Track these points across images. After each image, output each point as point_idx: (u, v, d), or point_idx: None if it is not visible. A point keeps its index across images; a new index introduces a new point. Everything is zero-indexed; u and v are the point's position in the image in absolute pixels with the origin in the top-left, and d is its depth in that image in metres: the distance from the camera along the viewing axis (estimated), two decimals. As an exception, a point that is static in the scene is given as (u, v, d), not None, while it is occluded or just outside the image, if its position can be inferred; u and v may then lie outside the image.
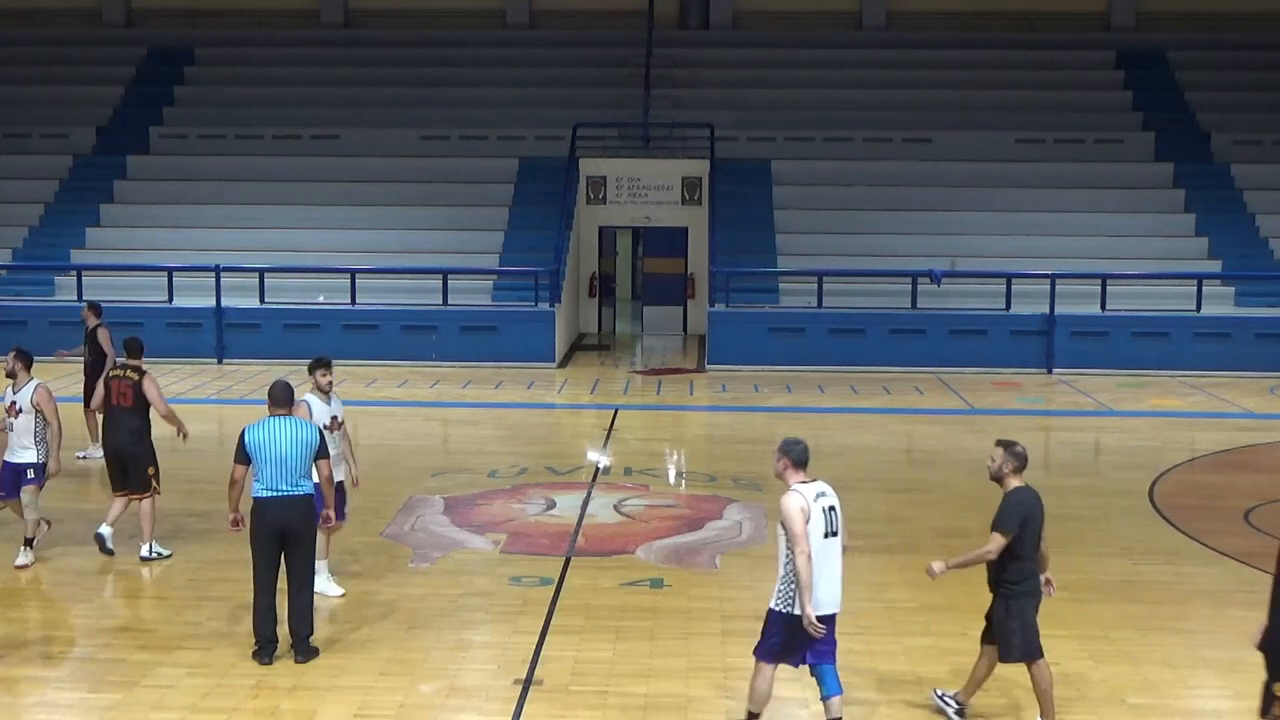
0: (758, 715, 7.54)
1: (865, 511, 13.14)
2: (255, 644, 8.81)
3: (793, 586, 7.29)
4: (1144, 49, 30.69)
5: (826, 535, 7.37)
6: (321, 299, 24.07)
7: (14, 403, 10.81)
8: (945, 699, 8.11)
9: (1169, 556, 11.67)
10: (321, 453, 8.95)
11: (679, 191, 28.15)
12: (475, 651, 9.12)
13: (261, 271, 23.90)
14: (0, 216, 26.62)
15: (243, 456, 8.84)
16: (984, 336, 23.42)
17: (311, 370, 10.47)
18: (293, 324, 23.49)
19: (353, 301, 23.82)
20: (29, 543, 10.84)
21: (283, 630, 8.85)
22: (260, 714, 8.02)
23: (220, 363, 23.16)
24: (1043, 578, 7.92)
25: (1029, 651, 7.75)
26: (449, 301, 23.83)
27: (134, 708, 8.12)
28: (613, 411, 19.20)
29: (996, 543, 7.62)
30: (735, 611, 9.91)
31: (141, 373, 11.43)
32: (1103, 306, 23.50)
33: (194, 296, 23.71)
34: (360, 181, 27.23)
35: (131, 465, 11.22)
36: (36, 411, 10.80)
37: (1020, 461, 7.81)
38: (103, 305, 16.00)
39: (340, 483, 10.09)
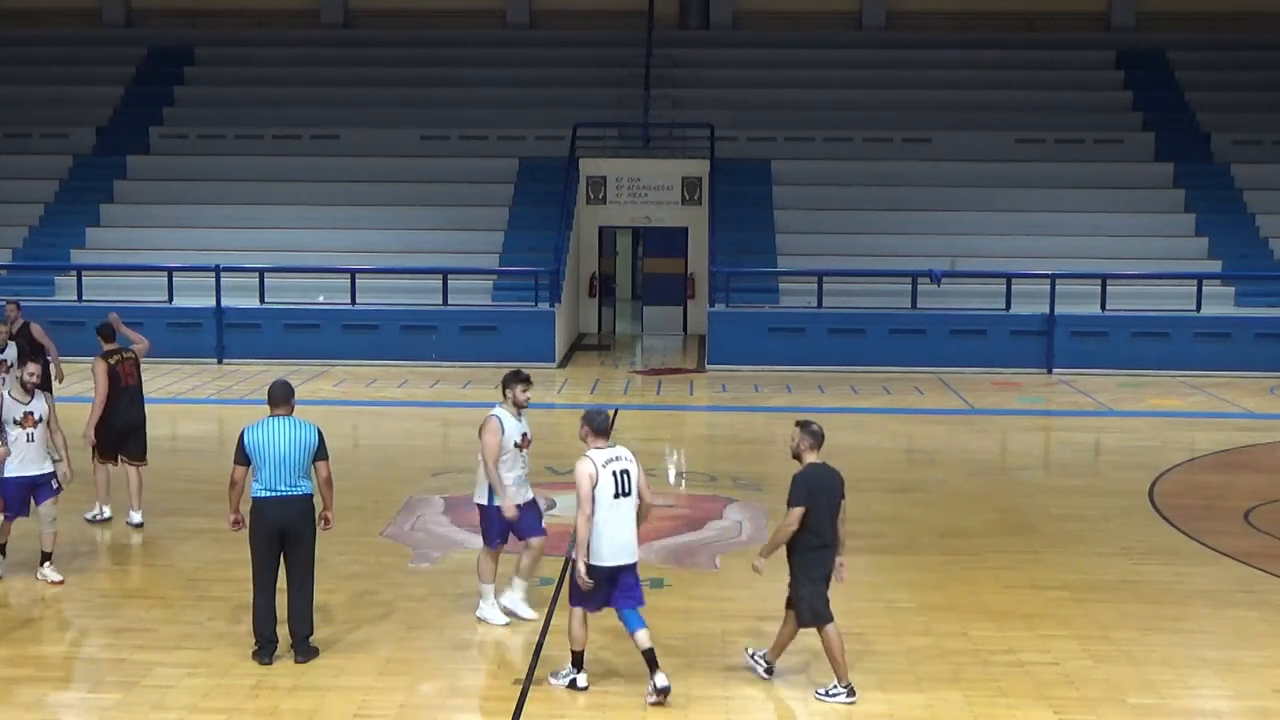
0: (581, 654, 8.43)
1: (865, 511, 13.13)
2: (255, 644, 8.81)
3: (599, 540, 8.25)
4: (1144, 49, 30.69)
5: (616, 495, 8.32)
6: (321, 299, 24.07)
7: (31, 413, 10.40)
8: (755, 658, 8.66)
9: (1169, 556, 11.66)
10: (321, 454, 8.94)
11: (679, 191, 28.15)
12: (475, 651, 9.11)
13: (261, 271, 23.89)
14: (0, 216, 26.62)
15: (242, 457, 8.84)
16: (984, 336, 23.42)
17: (509, 384, 9.48)
18: (293, 324, 23.51)
19: (353, 301, 23.82)
20: (48, 557, 10.47)
21: (283, 630, 8.85)
22: (260, 714, 8.02)
23: (220, 363, 23.16)
24: (837, 560, 8.43)
25: (817, 618, 8.28)
26: (449, 301, 23.83)
27: (134, 708, 8.12)
28: (613, 411, 19.18)
29: (793, 516, 8.25)
30: (735, 611, 9.91)
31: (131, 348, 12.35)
32: (1103, 306, 23.50)
33: (194, 296, 23.71)
34: (360, 181, 27.23)
35: (136, 436, 12.18)
36: (48, 420, 10.56)
37: (816, 439, 8.59)
38: (100, 305, 16.07)
39: (533, 499, 9.60)
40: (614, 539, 8.29)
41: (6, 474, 10.30)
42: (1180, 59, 30.43)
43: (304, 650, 8.80)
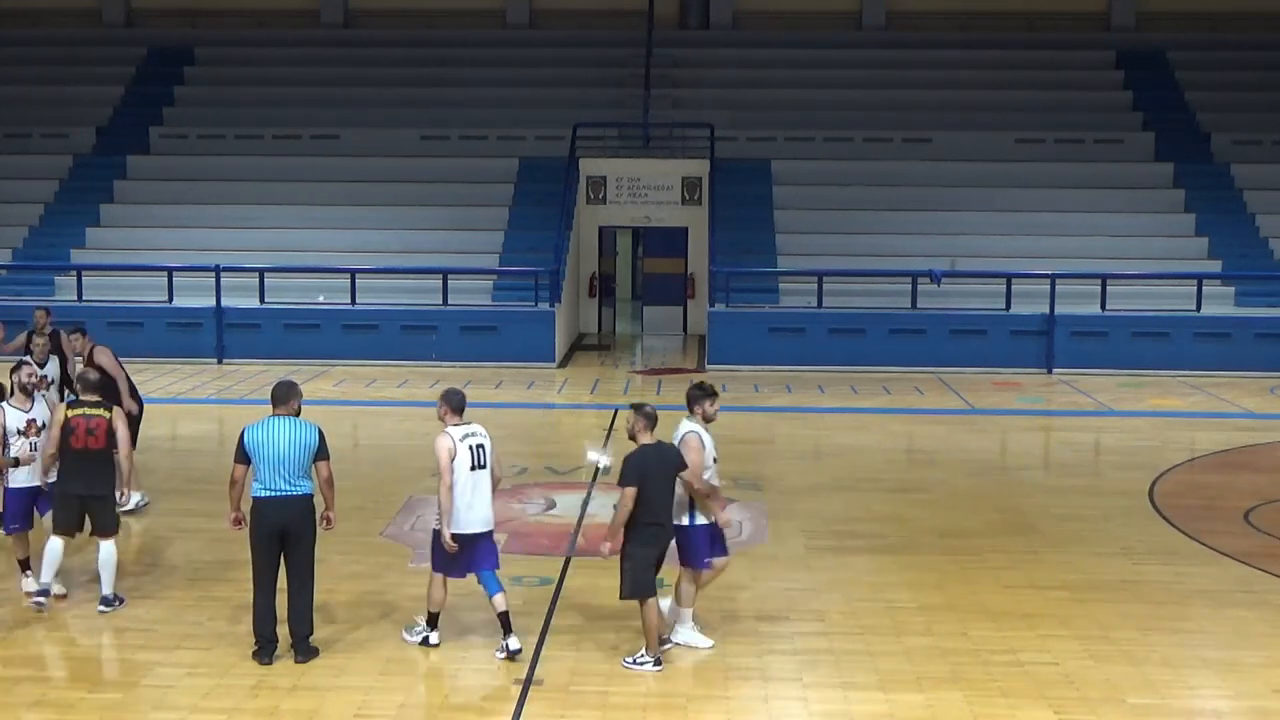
0: (436, 615, 9.02)
1: (865, 511, 13.16)
2: (255, 644, 8.81)
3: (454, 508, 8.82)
4: (1144, 49, 30.70)
5: (473, 468, 8.84)
6: (321, 299, 24.07)
7: (34, 420, 10.05)
8: (638, 661, 8.81)
9: (1169, 556, 11.66)
10: (321, 454, 8.94)
11: (679, 191, 28.16)
12: (475, 651, 9.11)
13: (261, 271, 23.90)
14: (0, 216, 26.63)
15: (242, 456, 8.84)
16: (984, 336, 23.42)
17: (697, 400, 9.14)
18: (293, 324, 23.51)
19: (353, 301, 23.82)
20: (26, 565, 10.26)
21: (283, 630, 8.85)
22: (260, 714, 8.02)
23: (220, 363, 23.16)
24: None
25: (638, 590, 8.72)
26: (449, 301, 23.84)
27: (134, 708, 8.12)
28: (613, 411, 19.19)
29: (627, 497, 8.63)
30: (735, 611, 9.91)
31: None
32: (1103, 306, 23.50)
33: (194, 296, 23.72)
34: (360, 181, 27.24)
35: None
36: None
37: (650, 421, 8.89)
38: (102, 305, 15.95)
39: (715, 523, 9.16)
40: (473, 507, 8.85)
41: (10, 484, 10.04)
42: (1180, 59, 30.44)
43: (304, 650, 8.81)
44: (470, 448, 8.87)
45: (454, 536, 8.76)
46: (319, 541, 9.05)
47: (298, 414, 9.01)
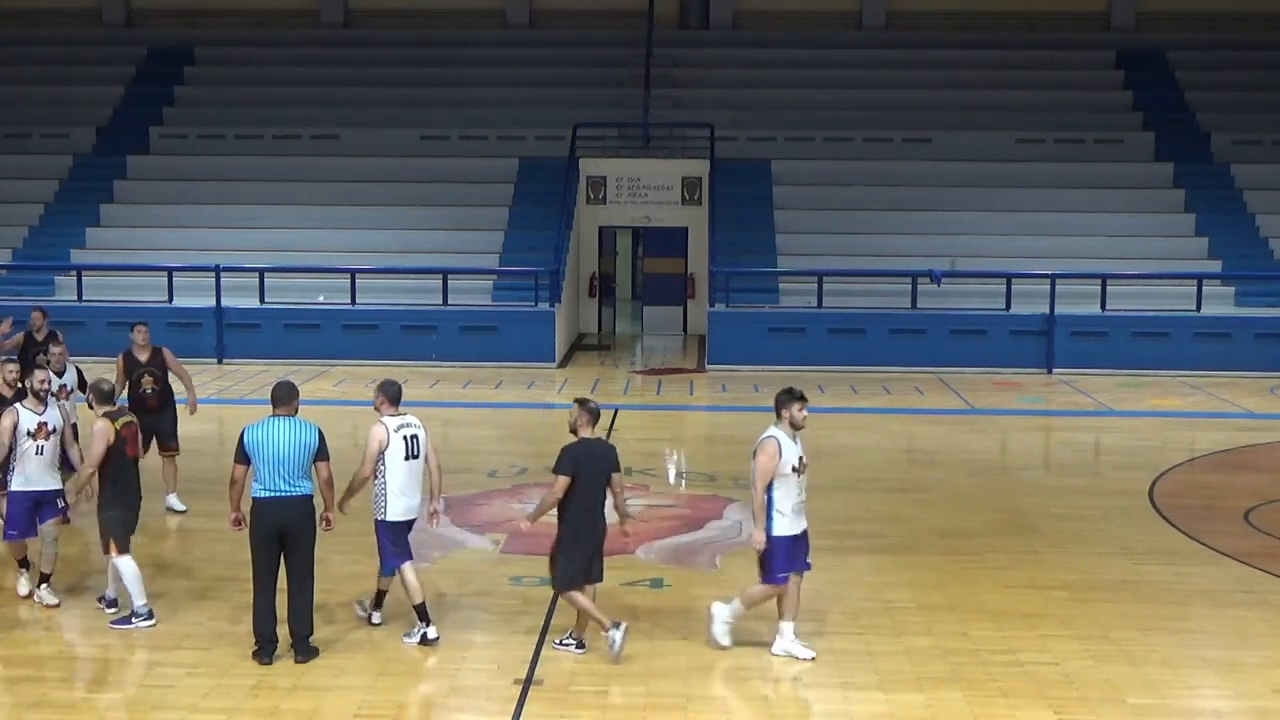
0: (422, 605, 9.18)
1: (865, 511, 13.16)
2: (255, 644, 8.81)
3: (381, 496, 9.12)
4: (1144, 49, 30.70)
5: (407, 458, 9.12)
6: (321, 299, 24.07)
7: (45, 423, 9.85)
8: (563, 643, 9.07)
9: (1169, 556, 11.66)
10: (321, 455, 8.95)
11: (679, 191, 28.16)
12: (475, 651, 9.11)
13: (261, 271, 23.90)
14: (0, 216, 26.63)
15: (242, 456, 8.85)
16: (984, 336, 23.42)
17: (784, 404, 8.87)
18: (293, 324, 23.51)
19: (353, 301, 23.82)
20: (47, 578, 10.04)
21: (283, 630, 8.85)
22: (260, 714, 8.02)
23: (220, 363, 23.16)
24: (624, 528, 9.21)
25: (567, 584, 8.90)
26: (449, 301, 23.84)
27: (134, 708, 8.12)
28: (613, 412, 19.19)
29: (559, 484, 8.81)
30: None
31: None
32: (1103, 306, 23.50)
33: (194, 296, 23.71)
34: (360, 181, 27.24)
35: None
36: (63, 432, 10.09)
37: (592, 415, 9.00)
38: (102, 305, 15.84)
39: (805, 531, 8.98)
40: (405, 494, 9.17)
41: (13, 488, 9.82)
42: (1180, 59, 30.44)
43: (304, 650, 8.81)
44: (405, 438, 9.13)
45: (392, 524, 9.14)
46: (319, 541, 9.06)
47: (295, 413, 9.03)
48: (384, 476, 9.11)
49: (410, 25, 32.00)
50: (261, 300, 23.89)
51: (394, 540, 9.19)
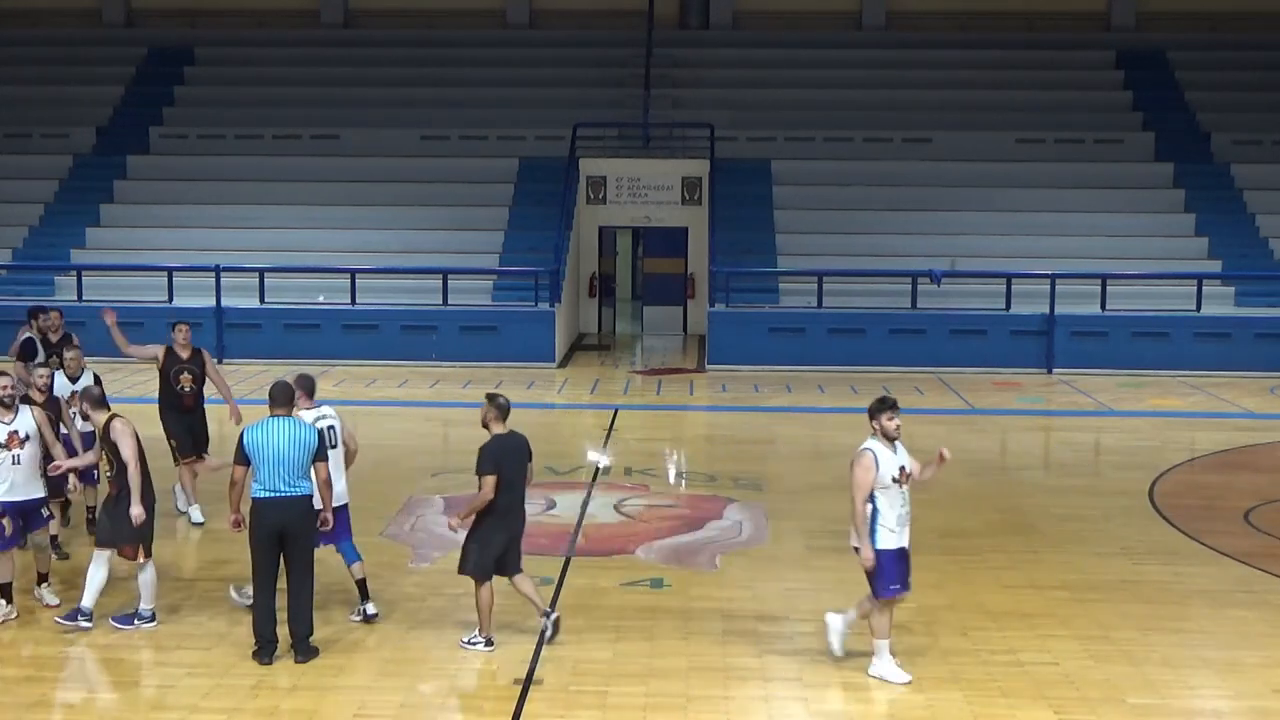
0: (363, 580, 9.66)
1: (865, 511, 13.14)
2: (255, 644, 8.81)
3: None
4: (1144, 49, 30.69)
5: (330, 447, 9.43)
6: (321, 299, 24.07)
7: (16, 432, 9.52)
8: (472, 642, 9.15)
9: (1169, 556, 11.66)
10: (320, 455, 8.95)
11: (679, 191, 28.15)
12: (475, 651, 9.11)
13: (261, 271, 23.90)
14: (0, 216, 26.62)
15: (242, 457, 8.86)
16: (984, 336, 23.42)
17: (876, 413, 8.70)
18: (293, 324, 23.51)
19: (353, 301, 23.82)
20: (45, 577, 10.02)
21: (283, 630, 8.85)
22: (260, 714, 8.02)
23: (220, 363, 23.12)
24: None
25: (479, 571, 9.00)
26: (449, 301, 23.83)
27: (134, 708, 8.12)
28: (613, 411, 19.20)
29: (488, 485, 8.88)
30: (735, 611, 9.91)
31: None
32: (1103, 306, 23.50)
33: (194, 296, 23.71)
34: (360, 181, 27.23)
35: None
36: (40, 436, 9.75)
37: (502, 411, 9.21)
38: (102, 305, 15.69)
39: (905, 548, 8.60)
40: (336, 482, 9.49)
41: None
42: (1180, 59, 30.43)
43: (304, 650, 8.81)
44: (321, 430, 9.37)
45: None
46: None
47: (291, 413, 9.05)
48: None
49: (410, 25, 31.99)
50: (261, 300, 23.89)
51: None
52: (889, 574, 8.48)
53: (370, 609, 9.56)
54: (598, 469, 15.12)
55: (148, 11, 32.96)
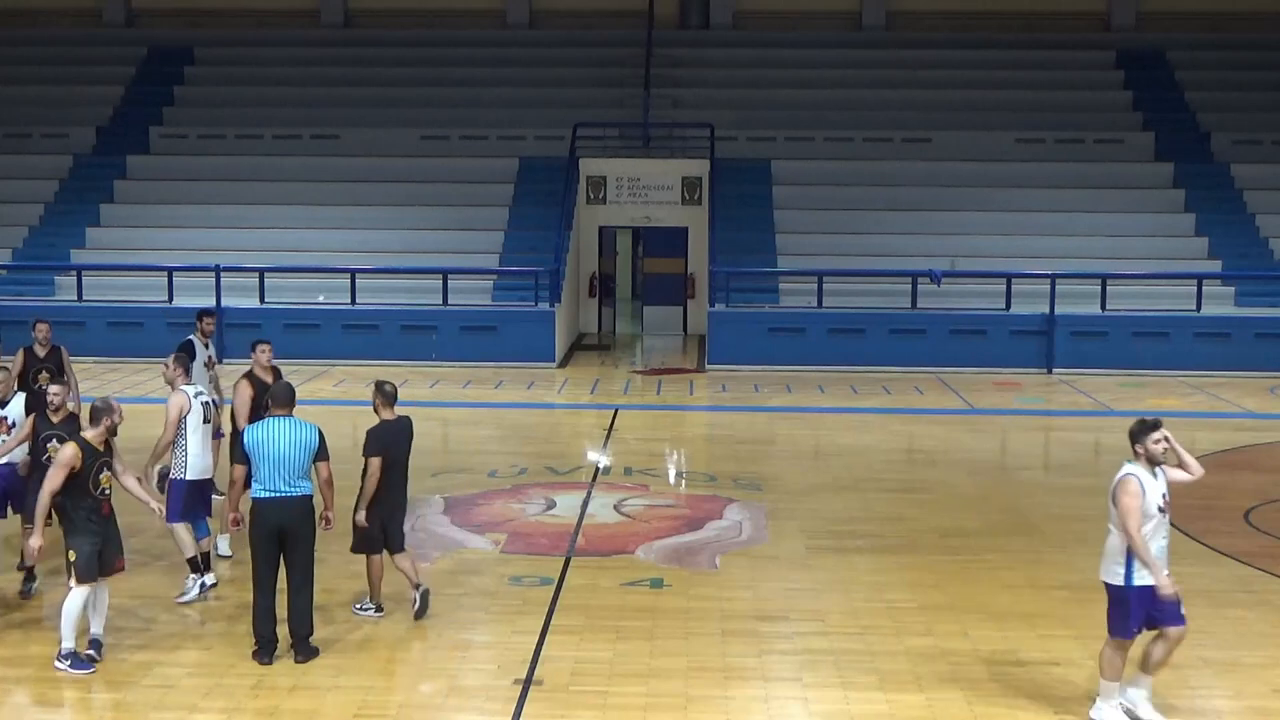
0: (195, 557, 10.04)
1: (865, 511, 13.16)
2: (255, 644, 8.81)
3: (182, 457, 10.04)
4: (1144, 49, 30.70)
5: (205, 422, 10.12)
6: (321, 299, 24.07)
7: (4, 417, 10.03)
8: (364, 608, 9.70)
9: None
10: (321, 455, 8.95)
11: (679, 191, 28.15)
12: (475, 651, 9.11)
13: (261, 271, 23.90)
14: (0, 216, 26.62)
15: (242, 457, 8.86)
16: (984, 336, 23.41)
17: (1139, 437, 8.32)
18: (293, 324, 23.48)
19: (353, 301, 23.82)
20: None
21: (283, 630, 8.85)
22: (260, 714, 8.02)
23: (220, 363, 23.07)
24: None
25: (364, 547, 9.55)
26: (449, 301, 23.83)
27: (134, 708, 8.12)
28: (613, 411, 19.20)
29: (374, 466, 9.33)
30: (735, 611, 9.91)
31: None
32: (1103, 306, 23.50)
33: (194, 296, 23.65)
34: (360, 181, 27.23)
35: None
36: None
37: (388, 397, 9.61)
38: (102, 305, 15.59)
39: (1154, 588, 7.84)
40: (200, 457, 10.10)
41: None
42: (1180, 59, 30.43)
43: (304, 650, 8.81)
44: (202, 404, 10.14)
45: (191, 483, 10.01)
46: (319, 541, 9.06)
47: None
48: (185, 440, 10.01)
49: (410, 25, 31.99)
50: (261, 300, 23.88)
51: (188, 497, 10.03)
52: (1135, 614, 7.76)
53: (210, 579, 10.03)
54: (598, 469, 15.12)
55: (148, 11, 32.96)
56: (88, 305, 23.55)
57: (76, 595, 8.57)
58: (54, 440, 9.34)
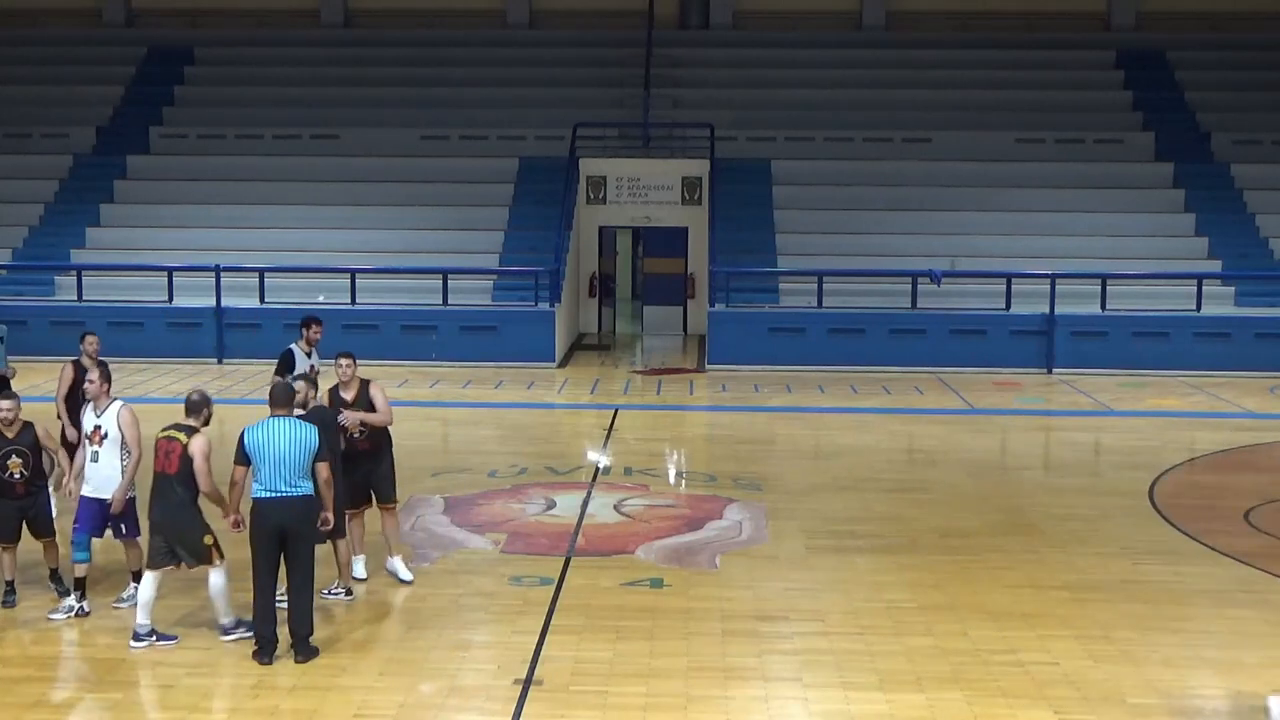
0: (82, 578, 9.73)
1: (865, 511, 13.16)
2: (255, 644, 8.81)
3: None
4: (1144, 49, 30.69)
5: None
6: (321, 299, 24.04)
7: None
8: (333, 592, 9.96)
9: (1169, 556, 11.66)
10: (320, 455, 8.96)
11: (679, 191, 28.15)
12: (475, 651, 9.11)
13: (261, 271, 23.89)
14: (0, 216, 26.62)
15: (242, 457, 8.86)
16: (984, 336, 23.41)
17: None
18: (293, 324, 23.14)
19: (353, 301, 23.81)
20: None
21: (283, 630, 8.85)
22: (260, 714, 8.02)
23: (220, 363, 23.16)
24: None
25: (331, 534, 9.64)
26: (449, 301, 23.83)
27: (134, 708, 8.12)
28: (613, 411, 19.20)
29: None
30: (735, 611, 9.91)
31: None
32: (1103, 306, 23.50)
33: (194, 296, 23.71)
34: (360, 181, 27.23)
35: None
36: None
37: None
38: (102, 305, 15.52)
39: None
40: (98, 473, 9.64)
41: None
42: (1180, 59, 30.43)
43: (304, 650, 8.81)
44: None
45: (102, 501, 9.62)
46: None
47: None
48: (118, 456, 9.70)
49: (410, 25, 31.99)
50: (261, 300, 23.88)
51: (90, 513, 9.66)
52: None
53: (72, 602, 9.65)
54: (598, 469, 15.12)
55: (148, 11, 32.96)
56: (88, 305, 23.54)
57: (221, 573, 9.13)
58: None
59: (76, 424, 10.32)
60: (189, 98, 30.14)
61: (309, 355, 12.50)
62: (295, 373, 11.51)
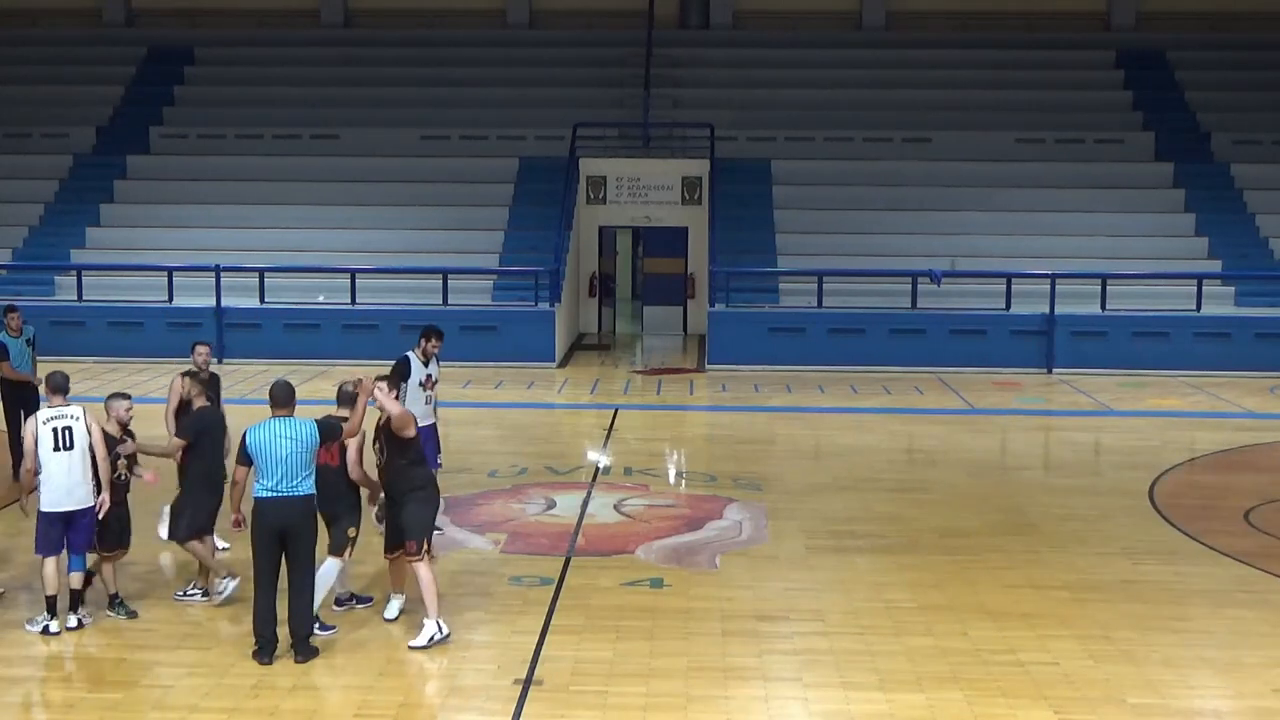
0: (53, 597, 9.36)
1: (865, 511, 13.16)
2: (255, 644, 8.81)
3: (43, 489, 9.37)
4: (1144, 49, 30.70)
5: (55, 449, 9.32)
6: (321, 299, 24.07)
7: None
8: (188, 594, 10.05)
9: (1169, 556, 11.66)
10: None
11: (679, 191, 28.15)
12: (475, 651, 9.11)
13: (261, 271, 23.90)
14: (0, 216, 26.63)
15: (244, 457, 8.86)
16: (984, 336, 23.41)
17: None
18: (293, 324, 23.51)
19: (353, 301, 23.82)
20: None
21: (283, 630, 8.85)
22: (260, 714, 8.02)
23: (220, 362, 23.13)
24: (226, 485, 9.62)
25: (192, 533, 9.90)
26: (449, 301, 23.83)
27: (134, 708, 8.12)
28: (613, 411, 19.20)
29: (175, 444, 9.99)
30: (735, 611, 9.91)
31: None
32: (1103, 306, 23.50)
33: (194, 296, 23.72)
34: (360, 181, 27.24)
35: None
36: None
37: (204, 386, 10.29)
38: (102, 305, 15.54)
39: None
40: (60, 487, 9.30)
41: None
42: (1180, 59, 30.44)
43: (304, 650, 8.81)
44: (54, 430, 9.36)
45: (51, 515, 9.30)
46: (319, 541, 9.06)
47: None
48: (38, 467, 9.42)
49: (410, 25, 32.01)
50: (261, 300, 23.88)
51: (43, 531, 9.32)
52: None
53: (72, 621, 9.36)
54: (598, 469, 15.12)
55: (148, 11, 32.97)
56: (88, 305, 23.56)
57: (336, 564, 9.43)
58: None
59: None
60: (189, 98, 30.14)
61: (426, 364, 12.09)
62: (407, 381, 11.63)
